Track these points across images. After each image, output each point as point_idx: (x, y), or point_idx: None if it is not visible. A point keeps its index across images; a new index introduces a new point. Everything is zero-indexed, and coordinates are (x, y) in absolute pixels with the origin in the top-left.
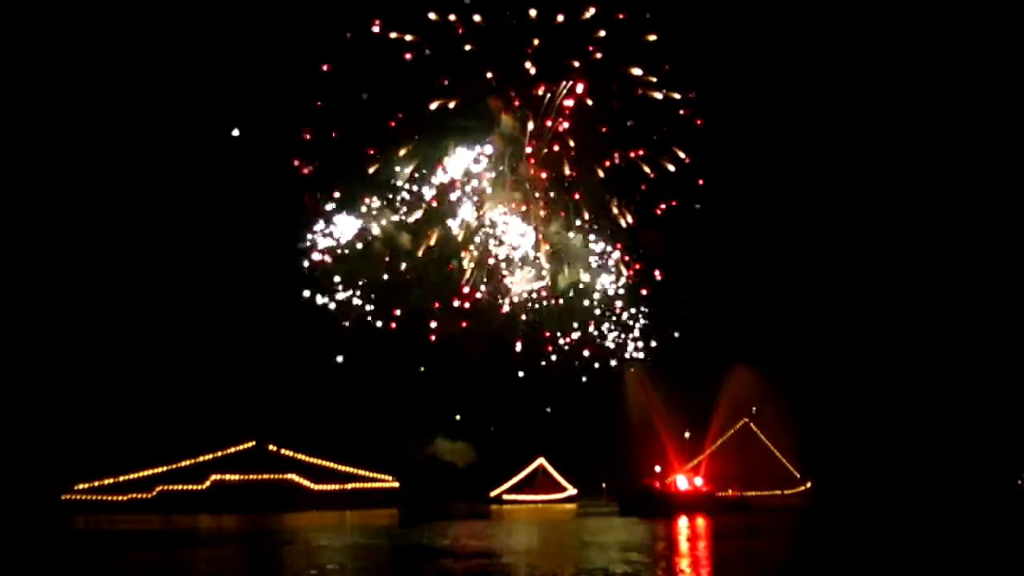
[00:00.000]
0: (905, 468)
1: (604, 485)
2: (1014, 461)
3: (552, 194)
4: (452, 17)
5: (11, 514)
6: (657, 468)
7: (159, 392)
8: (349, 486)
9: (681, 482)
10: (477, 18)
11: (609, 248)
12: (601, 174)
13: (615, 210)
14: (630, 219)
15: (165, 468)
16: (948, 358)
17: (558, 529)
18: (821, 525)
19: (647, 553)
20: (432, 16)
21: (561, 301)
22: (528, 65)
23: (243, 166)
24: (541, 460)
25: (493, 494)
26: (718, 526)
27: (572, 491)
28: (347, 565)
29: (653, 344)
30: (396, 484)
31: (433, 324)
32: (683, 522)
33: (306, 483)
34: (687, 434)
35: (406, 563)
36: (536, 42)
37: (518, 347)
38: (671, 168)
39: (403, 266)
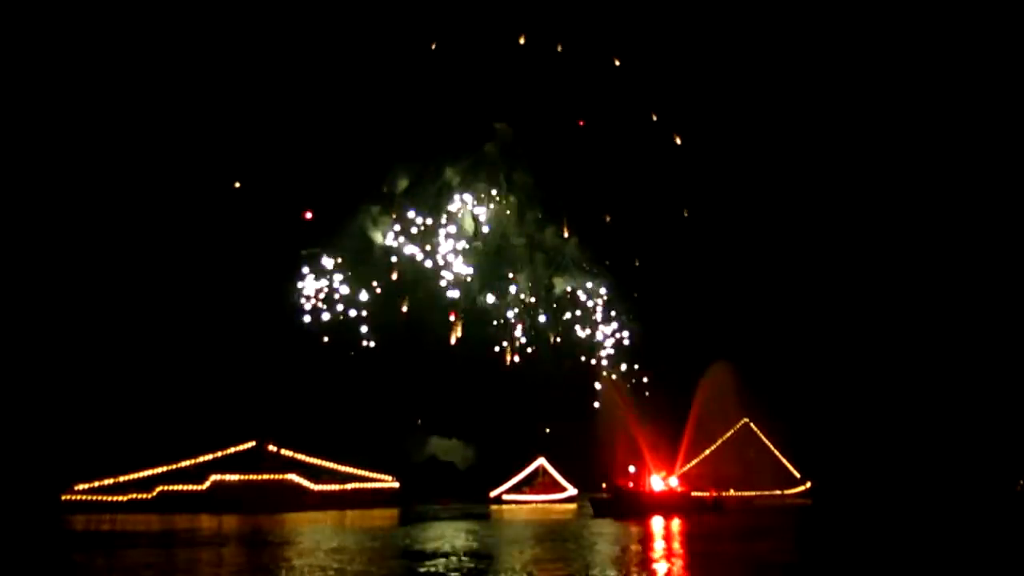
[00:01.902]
0: (905, 468)
1: (604, 485)
2: (1015, 461)
3: (547, 206)
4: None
5: (10, 514)
6: (631, 468)
7: (159, 392)
8: (349, 486)
9: (655, 483)
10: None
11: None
12: (607, 219)
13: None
14: (637, 263)
15: (165, 468)
16: (948, 358)
17: (554, 530)
18: (808, 527)
19: (642, 554)
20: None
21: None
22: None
23: (247, 185)
24: (541, 460)
25: (493, 494)
26: (690, 528)
27: (573, 491)
28: (345, 565)
29: (633, 347)
30: (396, 484)
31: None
32: (658, 524)
33: (306, 483)
34: (678, 467)
35: (404, 563)
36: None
37: (516, 359)
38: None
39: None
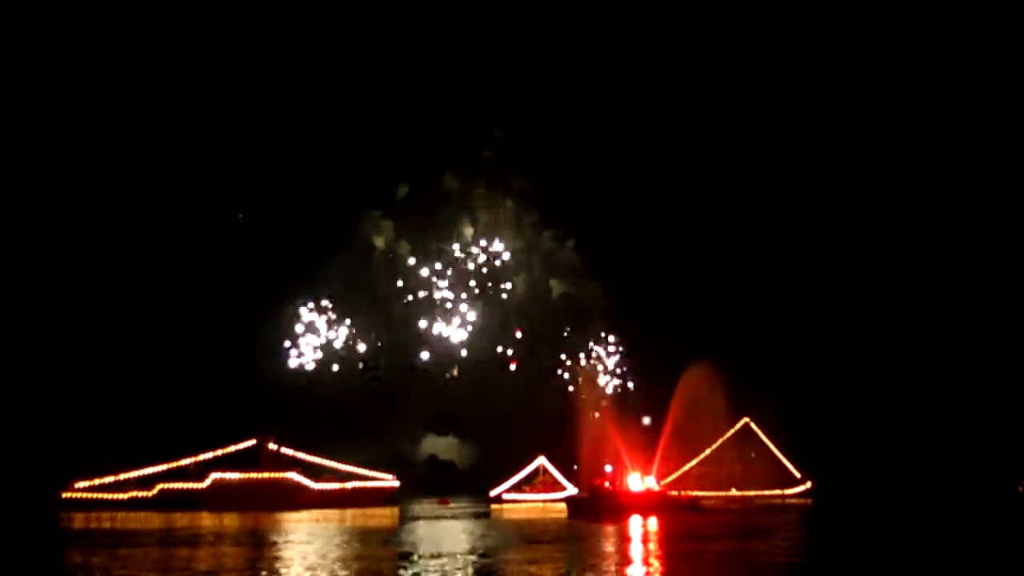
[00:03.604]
0: (906, 470)
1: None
2: (1016, 463)
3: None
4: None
5: (10, 512)
6: (608, 467)
7: (159, 391)
8: (349, 485)
9: (633, 482)
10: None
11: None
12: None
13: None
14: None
15: (165, 466)
16: (948, 359)
17: (552, 529)
18: (796, 528)
19: (633, 553)
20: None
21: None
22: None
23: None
24: (541, 459)
25: (493, 493)
26: (671, 529)
27: (573, 490)
28: (344, 565)
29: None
30: (396, 483)
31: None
32: (637, 526)
33: (306, 482)
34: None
35: (403, 563)
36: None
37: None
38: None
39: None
